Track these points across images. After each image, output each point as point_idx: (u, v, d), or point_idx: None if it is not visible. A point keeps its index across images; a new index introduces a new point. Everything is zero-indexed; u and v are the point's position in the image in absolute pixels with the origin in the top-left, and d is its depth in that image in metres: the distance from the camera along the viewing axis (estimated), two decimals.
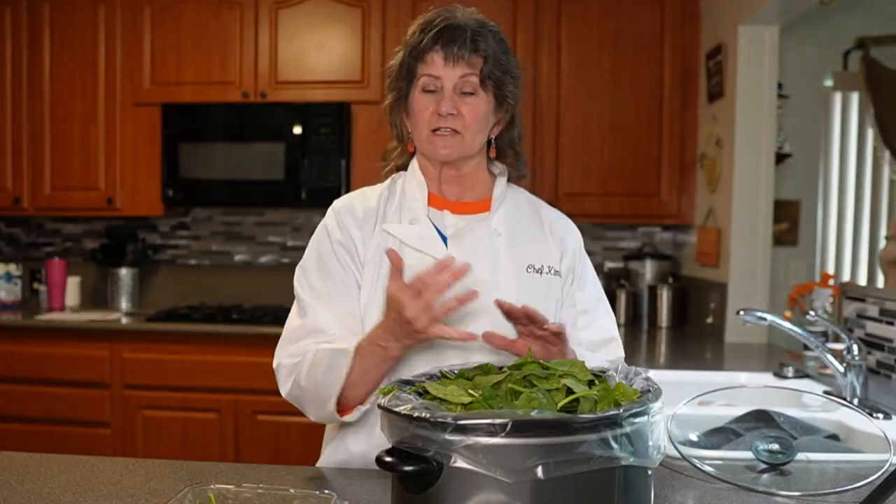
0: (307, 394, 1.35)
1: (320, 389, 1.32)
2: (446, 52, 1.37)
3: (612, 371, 1.09)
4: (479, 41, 1.37)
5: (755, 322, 1.92)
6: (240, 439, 3.29)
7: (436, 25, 1.37)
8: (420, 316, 1.21)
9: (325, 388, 1.31)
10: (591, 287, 1.51)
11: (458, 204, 1.46)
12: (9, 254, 4.12)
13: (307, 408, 1.37)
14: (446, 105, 1.37)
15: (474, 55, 1.37)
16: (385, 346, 1.27)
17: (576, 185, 3.53)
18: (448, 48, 1.37)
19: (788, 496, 1.21)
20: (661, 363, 2.72)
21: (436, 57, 1.38)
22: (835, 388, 2.09)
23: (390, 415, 0.95)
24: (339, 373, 1.29)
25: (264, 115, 3.54)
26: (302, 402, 1.38)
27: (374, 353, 1.29)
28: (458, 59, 1.37)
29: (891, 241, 2.41)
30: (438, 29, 1.37)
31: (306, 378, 1.33)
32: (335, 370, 1.29)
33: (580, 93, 3.52)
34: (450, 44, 1.37)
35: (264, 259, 3.99)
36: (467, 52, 1.36)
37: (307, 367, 1.33)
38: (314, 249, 1.45)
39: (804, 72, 3.91)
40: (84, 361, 3.36)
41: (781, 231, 3.93)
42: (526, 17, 3.51)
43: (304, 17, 3.58)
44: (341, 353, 1.30)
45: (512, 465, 0.87)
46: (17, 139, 3.71)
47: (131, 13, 3.63)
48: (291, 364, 1.36)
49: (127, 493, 1.19)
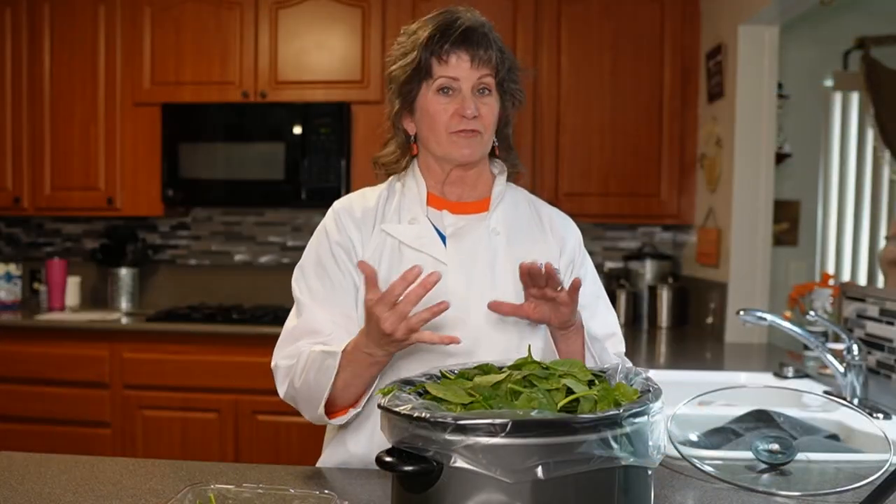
0: (301, 395, 1.35)
1: (312, 391, 1.32)
2: (472, 54, 1.37)
3: (612, 371, 1.09)
4: (493, 43, 1.39)
5: (755, 322, 1.92)
6: (240, 439, 3.29)
7: (459, 27, 1.37)
8: (398, 327, 1.18)
9: (316, 390, 1.31)
10: (590, 283, 1.50)
11: (458, 204, 1.47)
12: (9, 254, 4.12)
13: (301, 409, 1.38)
14: (471, 107, 1.37)
15: (495, 56, 1.39)
16: (370, 353, 1.26)
17: (576, 185, 3.53)
18: (473, 50, 1.37)
19: (788, 496, 1.21)
20: (661, 363, 2.72)
21: (460, 59, 1.37)
22: (835, 388, 2.09)
23: (390, 415, 0.94)
24: (328, 375, 1.29)
25: (264, 115, 3.54)
26: (297, 403, 1.38)
27: (360, 358, 1.27)
28: (483, 62, 1.38)
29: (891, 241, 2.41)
30: (462, 30, 1.37)
31: (299, 379, 1.33)
32: (325, 372, 1.29)
33: (580, 93, 3.52)
34: (475, 46, 1.37)
35: (264, 259, 4.00)
36: (492, 53, 1.38)
37: (300, 368, 1.33)
38: (313, 250, 1.45)
39: (804, 72, 3.91)
40: (84, 361, 3.36)
41: (781, 231, 3.93)
42: (526, 17, 3.51)
43: (304, 17, 3.58)
44: (330, 355, 1.29)
45: (512, 465, 0.87)
46: (17, 139, 3.71)
47: (131, 13, 3.63)
48: (287, 365, 1.37)
49: (127, 493, 1.19)
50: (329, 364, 1.28)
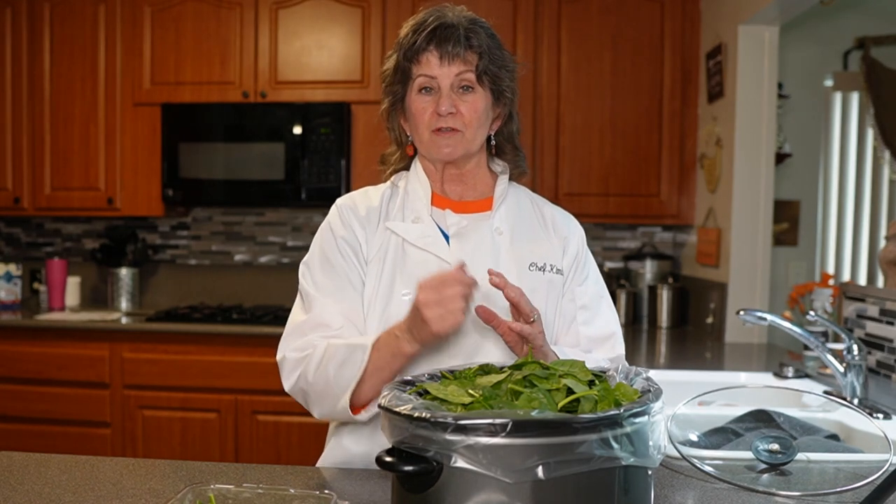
0: (315, 389, 1.34)
1: (330, 385, 1.31)
2: (441, 51, 1.37)
3: (613, 371, 1.09)
4: (471, 37, 1.38)
5: (755, 322, 1.92)
6: (240, 439, 3.29)
7: (428, 25, 1.38)
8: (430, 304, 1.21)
9: (337, 384, 1.30)
10: (592, 283, 1.50)
11: (461, 203, 1.47)
12: (9, 254, 4.13)
13: (312, 403, 1.37)
14: (445, 104, 1.37)
15: (469, 52, 1.38)
16: (399, 337, 1.27)
17: (576, 185, 3.53)
18: (442, 47, 1.37)
19: (788, 496, 1.21)
20: (661, 363, 2.72)
21: (430, 57, 1.38)
22: (835, 388, 2.09)
23: (390, 415, 0.94)
24: (354, 368, 1.28)
25: (264, 115, 3.54)
26: (307, 398, 1.37)
27: (389, 344, 1.28)
28: (453, 57, 1.37)
29: (891, 241, 2.41)
30: (431, 28, 1.37)
31: (315, 373, 1.32)
32: (350, 365, 1.28)
33: (580, 92, 3.52)
34: (444, 42, 1.37)
35: (264, 259, 4.00)
36: (462, 49, 1.37)
37: (316, 361, 1.32)
38: (318, 245, 1.45)
39: (804, 72, 3.91)
40: (84, 361, 3.36)
41: (781, 231, 3.94)
42: (526, 17, 3.51)
43: (304, 17, 3.58)
44: (358, 348, 1.29)
45: (512, 465, 0.87)
46: (17, 139, 3.71)
47: (131, 13, 3.63)
48: (297, 358, 1.36)
49: (127, 493, 1.19)
50: (356, 356, 1.28)
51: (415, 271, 1.38)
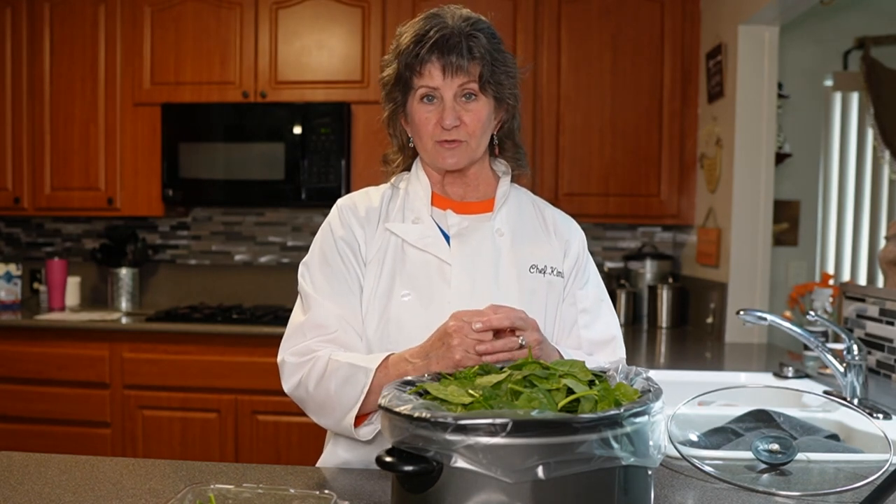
0: (314, 400, 1.34)
1: (332, 399, 1.31)
2: (444, 64, 1.34)
3: (613, 371, 1.09)
4: (473, 47, 1.35)
5: (755, 322, 1.92)
6: (240, 439, 3.29)
7: (430, 38, 1.34)
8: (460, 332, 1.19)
9: (339, 401, 1.30)
10: (592, 286, 1.50)
11: (462, 204, 1.46)
12: (9, 254, 4.13)
13: (312, 412, 1.37)
14: (449, 118, 1.36)
15: (471, 63, 1.35)
16: (411, 363, 1.25)
17: (576, 185, 3.53)
18: (445, 59, 1.34)
19: (788, 496, 1.21)
20: (661, 363, 2.72)
21: (433, 69, 1.35)
22: (835, 388, 2.09)
23: (391, 415, 0.94)
24: (356, 389, 1.28)
25: (264, 115, 3.54)
26: (306, 406, 1.38)
27: (398, 367, 1.27)
28: (456, 69, 1.35)
29: (891, 241, 2.41)
30: (434, 41, 1.34)
31: (316, 385, 1.32)
32: (353, 386, 1.28)
33: (580, 92, 3.52)
34: (446, 54, 1.34)
35: (264, 259, 3.99)
36: (465, 60, 1.34)
37: (318, 374, 1.32)
38: (318, 246, 1.45)
39: (804, 72, 3.91)
40: (84, 361, 3.36)
41: (781, 231, 3.94)
42: (526, 17, 3.51)
43: (304, 17, 3.58)
44: (360, 370, 1.28)
45: (512, 465, 0.87)
46: (17, 139, 3.71)
47: (131, 13, 3.63)
48: (296, 363, 1.36)
49: (127, 493, 1.19)
50: (360, 379, 1.27)
51: (414, 272, 1.38)
